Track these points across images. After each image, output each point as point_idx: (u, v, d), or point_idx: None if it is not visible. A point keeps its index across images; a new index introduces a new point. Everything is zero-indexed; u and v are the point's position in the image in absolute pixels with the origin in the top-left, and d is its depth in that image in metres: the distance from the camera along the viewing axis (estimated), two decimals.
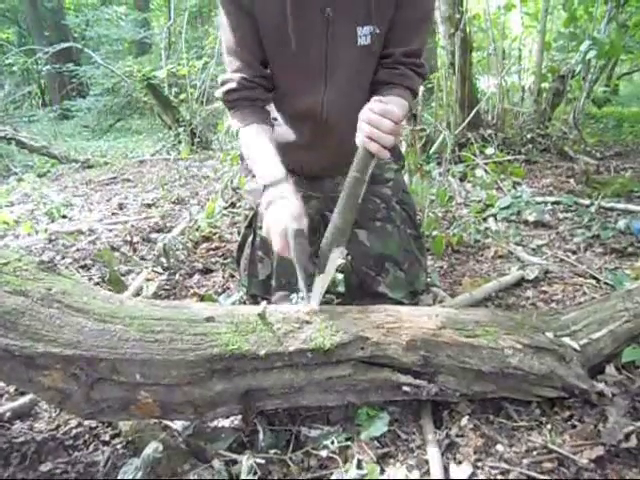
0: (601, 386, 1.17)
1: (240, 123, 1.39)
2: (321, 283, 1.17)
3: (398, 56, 1.36)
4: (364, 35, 1.32)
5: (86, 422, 1.23)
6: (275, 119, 1.49)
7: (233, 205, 3.05)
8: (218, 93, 1.42)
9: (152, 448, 1.03)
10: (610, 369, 1.25)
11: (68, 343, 0.98)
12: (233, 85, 1.37)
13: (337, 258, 1.16)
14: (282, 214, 1.17)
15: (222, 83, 1.40)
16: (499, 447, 1.07)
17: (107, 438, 1.18)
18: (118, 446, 1.15)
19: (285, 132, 1.49)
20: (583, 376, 1.16)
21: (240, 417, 1.15)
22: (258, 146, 1.34)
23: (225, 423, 1.19)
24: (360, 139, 1.10)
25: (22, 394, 1.34)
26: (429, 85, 4.63)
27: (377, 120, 1.06)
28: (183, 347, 1.02)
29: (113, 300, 1.09)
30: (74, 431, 1.21)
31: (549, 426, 1.11)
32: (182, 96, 5.98)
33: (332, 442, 1.09)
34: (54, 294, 1.03)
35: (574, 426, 1.11)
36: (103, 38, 12.03)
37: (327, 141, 1.46)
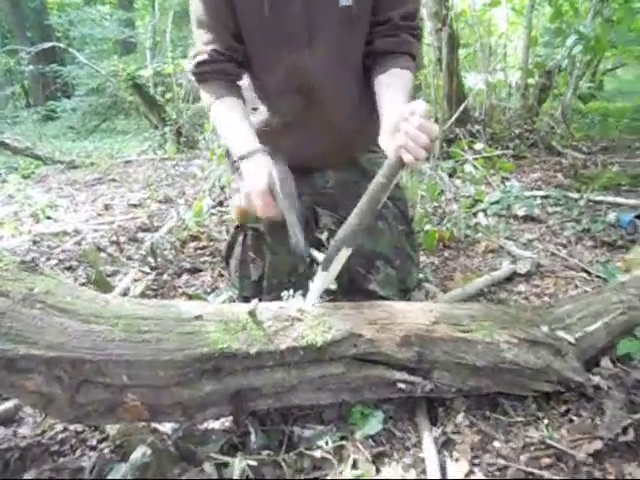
0: (597, 379, 1.17)
1: (211, 97, 1.35)
2: (322, 281, 1.14)
3: (396, 20, 1.32)
4: None
5: (72, 426, 1.19)
6: (255, 108, 1.45)
7: (221, 204, 3.01)
8: (189, 67, 1.38)
9: (141, 452, 1.00)
10: (605, 362, 1.25)
11: (51, 345, 0.94)
12: (204, 57, 1.33)
13: (343, 258, 1.13)
14: (259, 170, 1.16)
15: (193, 56, 1.36)
16: (496, 443, 1.05)
17: (94, 443, 1.15)
18: (105, 451, 1.11)
19: (268, 116, 1.43)
20: (579, 369, 1.15)
21: (231, 418, 1.12)
22: (231, 119, 1.31)
23: (215, 425, 1.15)
24: (392, 147, 1.08)
25: (5, 399, 1.30)
26: (417, 82, 4.62)
27: (414, 134, 1.03)
28: (171, 347, 0.99)
29: (98, 300, 1.05)
30: (60, 436, 1.17)
31: (546, 421, 1.10)
32: (168, 95, 5.91)
33: (326, 442, 1.07)
34: (36, 294, 0.99)
35: (571, 420, 1.10)
36: (87, 38, 11.88)
37: (315, 118, 1.40)
